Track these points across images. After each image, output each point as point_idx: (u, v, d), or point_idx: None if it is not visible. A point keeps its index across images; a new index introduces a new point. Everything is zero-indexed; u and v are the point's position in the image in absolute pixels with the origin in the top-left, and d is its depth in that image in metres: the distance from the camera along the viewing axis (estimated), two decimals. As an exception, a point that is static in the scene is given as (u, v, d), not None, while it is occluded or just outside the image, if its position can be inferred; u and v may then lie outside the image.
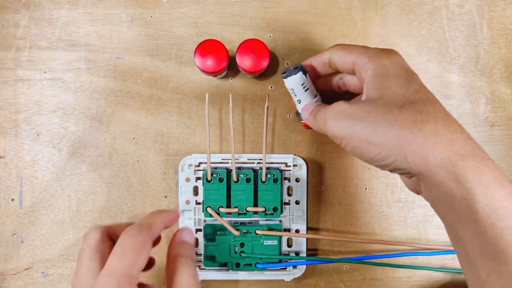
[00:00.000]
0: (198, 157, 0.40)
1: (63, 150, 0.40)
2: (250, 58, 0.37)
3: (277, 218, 0.40)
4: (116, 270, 0.26)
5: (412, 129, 0.26)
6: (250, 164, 0.40)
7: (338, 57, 0.32)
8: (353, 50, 0.31)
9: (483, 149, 0.26)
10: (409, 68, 0.30)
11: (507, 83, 0.41)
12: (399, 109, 0.26)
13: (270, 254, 0.39)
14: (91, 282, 0.28)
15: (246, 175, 0.39)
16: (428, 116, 0.26)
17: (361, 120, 0.27)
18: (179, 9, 0.40)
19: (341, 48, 0.33)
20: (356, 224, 0.41)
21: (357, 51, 0.31)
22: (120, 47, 0.40)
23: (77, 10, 0.40)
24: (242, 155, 0.40)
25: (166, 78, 0.40)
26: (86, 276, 0.28)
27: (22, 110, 0.40)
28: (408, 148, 0.26)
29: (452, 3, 0.41)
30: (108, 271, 0.26)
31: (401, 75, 0.28)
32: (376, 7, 0.41)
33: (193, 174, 0.40)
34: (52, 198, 0.40)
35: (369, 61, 0.30)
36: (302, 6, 0.40)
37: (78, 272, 0.29)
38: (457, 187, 0.25)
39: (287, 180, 0.40)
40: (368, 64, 0.30)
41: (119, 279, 0.26)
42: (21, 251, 0.40)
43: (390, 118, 0.26)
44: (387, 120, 0.26)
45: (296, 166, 0.40)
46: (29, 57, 0.40)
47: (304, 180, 0.40)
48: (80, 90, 0.40)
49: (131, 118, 0.40)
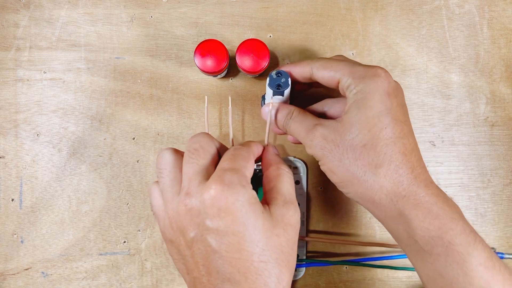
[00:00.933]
0: None
1: (63, 150, 0.40)
2: (250, 58, 0.37)
3: None
4: (232, 168, 0.28)
5: (366, 172, 0.29)
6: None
7: (321, 75, 0.33)
8: (337, 69, 0.32)
9: (431, 179, 0.30)
10: (391, 92, 0.30)
11: (507, 83, 0.41)
12: (361, 148, 0.29)
13: None
14: (179, 201, 0.28)
15: None
16: (384, 160, 0.29)
17: (331, 152, 0.30)
18: (179, 9, 0.40)
19: (324, 66, 0.32)
20: (356, 224, 0.41)
21: (342, 71, 0.31)
22: (120, 47, 0.40)
23: (77, 10, 0.40)
24: None
25: (166, 78, 0.40)
26: (173, 198, 0.29)
27: (22, 110, 0.40)
28: (359, 188, 0.29)
29: (452, 3, 0.41)
30: (223, 168, 0.28)
31: (376, 106, 0.29)
32: (376, 7, 0.41)
33: None
34: (52, 198, 0.40)
35: (353, 83, 0.30)
36: (302, 6, 0.40)
37: (163, 195, 0.30)
38: (400, 221, 0.29)
39: None
40: (352, 85, 0.30)
41: (238, 174, 0.28)
42: (21, 251, 0.40)
43: (352, 157, 0.29)
44: (349, 159, 0.30)
45: (296, 169, 0.40)
46: (29, 57, 0.40)
47: (304, 182, 0.40)
48: (80, 90, 0.40)
49: (131, 118, 0.40)
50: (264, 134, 0.40)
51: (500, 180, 0.41)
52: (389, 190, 0.29)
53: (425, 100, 0.41)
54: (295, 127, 0.33)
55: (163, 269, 0.40)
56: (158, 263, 0.40)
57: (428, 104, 0.41)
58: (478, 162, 0.41)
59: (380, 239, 0.41)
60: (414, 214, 0.28)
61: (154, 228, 0.40)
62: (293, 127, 0.33)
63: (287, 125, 0.34)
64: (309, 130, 0.31)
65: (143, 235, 0.40)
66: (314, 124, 0.32)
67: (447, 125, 0.41)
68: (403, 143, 0.29)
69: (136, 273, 0.40)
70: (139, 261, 0.40)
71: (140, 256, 0.40)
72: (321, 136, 0.31)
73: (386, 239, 0.41)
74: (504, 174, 0.41)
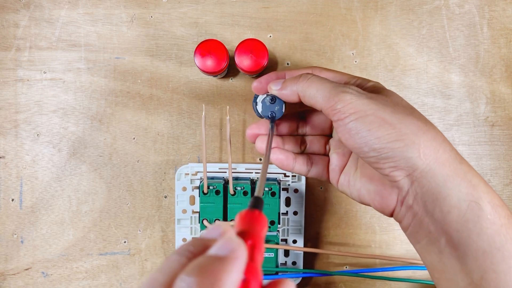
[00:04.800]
0: (195, 166, 0.39)
1: (63, 150, 0.40)
2: (249, 58, 0.37)
3: (274, 231, 0.39)
4: None
5: (426, 123, 0.27)
6: (248, 174, 0.39)
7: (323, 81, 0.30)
8: (341, 73, 0.32)
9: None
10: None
11: (507, 83, 0.41)
12: (412, 108, 0.28)
13: (266, 266, 0.38)
14: None
15: (243, 188, 0.38)
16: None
17: (382, 102, 0.27)
18: (179, 9, 0.40)
19: (324, 74, 0.32)
20: (356, 224, 0.41)
21: (346, 75, 0.32)
22: (120, 47, 0.40)
23: (77, 10, 0.40)
24: (240, 165, 0.39)
25: (166, 78, 0.40)
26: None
27: (22, 110, 0.40)
28: (423, 137, 0.26)
29: (452, 3, 0.41)
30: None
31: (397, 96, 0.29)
32: (376, 7, 0.41)
33: (190, 184, 0.39)
34: (52, 198, 0.40)
35: (364, 81, 0.31)
36: (302, 6, 0.40)
37: None
38: (464, 183, 0.25)
39: (285, 191, 0.39)
40: (365, 81, 0.31)
41: None
42: (21, 251, 0.40)
43: (408, 111, 0.27)
44: (407, 110, 0.27)
45: (295, 177, 0.40)
46: (29, 57, 0.40)
47: (303, 191, 0.39)
48: (80, 90, 0.40)
49: (131, 118, 0.40)
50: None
51: (500, 180, 0.41)
52: (451, 146, 0.27)
53: (425, 100, 0.41)
54: (322, 85, 0.28)
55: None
56: (158, 263, 0.40)
57: (428, 104, 0.41)
58: (478, 162, 0.41)
59: (380, 239, 0.41)
60: (479, 178, 0.26)
61: (154, 228, 0.41)
62: (318, 84, 0.28)
63: (306, 82, 0.29)
64: (344, 87, 0.28)
65: (143, 235, 0.40)
66: (343, 83, 0.29)
67: (447, 125, 0.41)
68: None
69: (136, 273, 0.40)
70: (139, 261, 0.40)
71: (140, 256, 0.40)
72: (361, 91, 0.27)
73: (386, 239, 0.41)
74: (504, 174, 0.41)
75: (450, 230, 0.26)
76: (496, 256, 0.24)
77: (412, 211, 0.27)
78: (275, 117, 0.33)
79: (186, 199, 0.40)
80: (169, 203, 0.41)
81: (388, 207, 0.28)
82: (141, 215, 0.40)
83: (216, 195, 0.38)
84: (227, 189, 0.38)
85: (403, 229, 0.28)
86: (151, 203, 0.40)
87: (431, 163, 0.26)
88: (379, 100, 0.27)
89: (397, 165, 0.26)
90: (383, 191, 0.28)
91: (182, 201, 0.40)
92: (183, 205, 0.40)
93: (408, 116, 0.26)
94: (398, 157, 0.26)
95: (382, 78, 0.41)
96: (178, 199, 0.39)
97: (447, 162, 0.26)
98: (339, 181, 0.32)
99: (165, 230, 0.41)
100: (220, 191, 0.38)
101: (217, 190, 0.38)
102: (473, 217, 0.25)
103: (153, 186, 0.40)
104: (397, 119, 0.26)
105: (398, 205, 0.28)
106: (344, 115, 0.27)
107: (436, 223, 0.26)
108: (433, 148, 0.26)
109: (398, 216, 0.28)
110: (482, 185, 0.26)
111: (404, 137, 0.26)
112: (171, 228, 0.41)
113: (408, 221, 0.28)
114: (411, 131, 0.26)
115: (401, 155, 0.26)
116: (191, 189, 0.39)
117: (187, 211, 0.40)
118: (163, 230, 0.41)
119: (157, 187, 0.40)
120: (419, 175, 0.26)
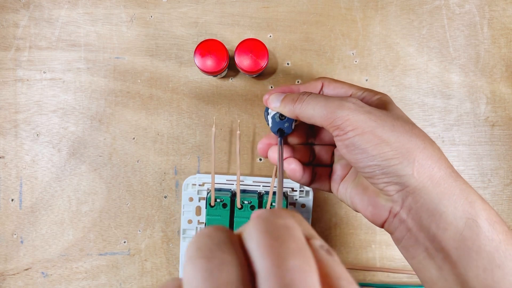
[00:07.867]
0: (202, 177, 0.39)
1: (63, 150, 0.40)
2: (249, 57, 0.37)
3: None
4: None
5: (424, 141, 0.27)
6: (256, 187, 0.39)
7: (332, 91, 0.32)
8: (348, 85, 0.31)
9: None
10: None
11: (507, 83, 0.41)
12: (411, 125, 0.28)
13: None
14: None
15: (251, 202, 0.38)
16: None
17: (380, 118, 0.27)
18: (179, 9, 0.40)
19: (335, 85, 0.32)
20: (356, 224, 0.41)
21: (353, 87, 0.31)
22: (120, 47, 0.40)
23: (77, 10, 0.40)
24: (247, 178, 0.39)
25: (166, 78, 0.40)
26: None
27: (22, 110, 0.40)
28: (419, 155, 0.26)
29: (453, 2, 0.41)
30: None
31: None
32: (377, 7, 0.41)
33: (197, 194, 0.39)
34: (52, 198, 0.40)
35: (369, 94, 0.31)
36: (302, 6, 0.40)
37: None
38: (460, 200, 0.26)
39: (292, 205, 0.39)
40: (371, 95, 0.31)
41: None
42: (21, 251, 0.40)
43: (407, 128, 0.27)
44: (404, 128, 0.27)
45: (303, 191, 0.40)
46: (29, 57, 0.40)
47: (310, 207, 0.39)
48: (80, 90, 0.40)
49: (131, 118, 0.40)
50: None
51: (500, 180, 0.41)
52: (447, 164, 0.27)
53: (426, 100, 0.41)
54: (318, 104, 0.28)
55: (163, 269, 0.40)
56: (158, 263, 0.40)
57: (429, 104, 0.41)
58: (478, 162, 0.41)
59: (380, 239, 0.41)
60: (476, 195, 0.26)
61: (154, 228, 0.40)
62: (315, 104, 0.29)
63: (302, 104, 0.29)
64: (340, 102, 0.28)
65: (143, 235, 0.40)
66: (346, 95, 0.29)
67: (447, 125, 0.41)
68: None
69: (136, 273, 0.40)
70: (139, 261, 0.40)
71: (140, 256, 0.40)
72: (360, 104, 0.27)
73: (386, 239, 0.41)
74: (505, 174, 0.41)
75: (448, 248, 0.26)
76: (497, 273, 0.25)
77: (405, 224, 0.27)
78: (284, 133, 0.33)
79: (192, 209, 0.40)
80: (169, 203, 0.40)
81: (380, 217, 0.29)
82: (141, 215, 0.40)
83: (223, 208, 0.38)
84: (234, 203, 0.38)
85: (396, 241, 0.29)
86: (151, 203, 0.40)
87: (424, 181, 0.26)
88: (378, 115, 0.27)
89: (391, 181, 0.27)
90: (377, 202, 0.29)
91: (188, 211, 0.39)
92: (189, 215, 0.40)
93: (407, 133, 0.27)
94: (391, 174, 0.27)
95: (382, 78, 0.41)
96: (184, 209, 0.39)
97: (441, 180, 0.26)
98: (338, 190, 0.33)
99: (165, 230, 0.41)
100: (227, 204, 0.38)
101: (224, 203, 0.38)
102: (471, 234, 0.25)
103: (153, 186, 0.40)
104: (395, 137, 0.27)
105: (390, 217, 0.28)
106: (342, 131, 0.27)
107: (433, 239, 0.26)
108: (427, 167, 0.26)
109: (390, 227, 0.28)
110: (479, 202, 0.26)
111: (400, 155, 0.26)
112: (171, 228, 0.41)
113: (401, 234, 0.28)
114: (407, 149, 0.26)
115: (395, 172, 0.26)
116: (197, 200, 0.39)
117: (192, 221, 0.40)
118: (163, 230, 0.40)
119: (157, 187, 0.40)
120: (412, 191, 0.27)
